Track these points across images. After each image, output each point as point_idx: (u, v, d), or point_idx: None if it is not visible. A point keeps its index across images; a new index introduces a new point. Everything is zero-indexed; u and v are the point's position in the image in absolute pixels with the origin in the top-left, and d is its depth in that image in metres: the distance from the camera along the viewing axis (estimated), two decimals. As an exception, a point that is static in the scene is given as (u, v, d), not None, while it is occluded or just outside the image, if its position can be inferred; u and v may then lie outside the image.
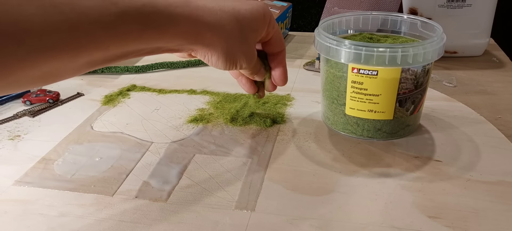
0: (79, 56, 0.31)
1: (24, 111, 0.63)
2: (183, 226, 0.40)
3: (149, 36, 0.34)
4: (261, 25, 0.42)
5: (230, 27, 0.39)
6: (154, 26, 0.34)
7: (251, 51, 0.42)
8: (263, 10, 0.42)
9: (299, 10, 1.74)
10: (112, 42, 0.32)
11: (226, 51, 0.39)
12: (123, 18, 0.32)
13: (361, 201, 0.43)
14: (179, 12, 0.35)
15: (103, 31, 0.31)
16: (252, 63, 0.43)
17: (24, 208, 0.43)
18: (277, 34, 0.46)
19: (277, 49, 0.47)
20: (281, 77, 0.49)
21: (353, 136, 0.54)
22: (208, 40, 0.38)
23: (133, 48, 0.34)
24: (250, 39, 0.42)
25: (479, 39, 0.78)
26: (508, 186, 0.44)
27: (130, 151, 0.52)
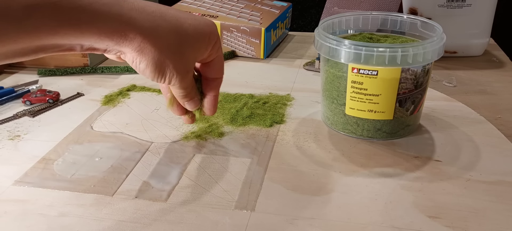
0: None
1: (24, 111, 0.62)
2: (183, 226, 0.40)
3: (67, 32, 0.31)
4: (203, 45, 0.39)
5: (167, 38, 0.36)
6: (73, 22, 0.31)
7: (185, 67, 0.39)
8: (210, 29, 0.39)
9: (299, 10, 1.74)
10: (21, 37, 0.30)
11: (157, 61, 0.36)
12: (33, 11, 0.29)
13: (361, 201, 0.43)
14: (106, 10, 0.32)
15: (9, 24, 0.28)
16: (185, 81, 0.40)
17: (24, 208, 0.43)
18: (219, 59, 0.43)
19: (215, 75, 0.44)
20: (211, 107, 0.45)
21: (353, 136, 0.54)
22: (137, 45, 0.35)
23: (49, 43, 0.32)
24: (188, 56, 0.38)
25: (479, 39, 0.78)
26: (508, 186, 0.44)
27: (130, 151, 0.52)
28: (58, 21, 0.30)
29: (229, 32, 0.82)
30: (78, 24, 0.31)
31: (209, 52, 0.41)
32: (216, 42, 0.41)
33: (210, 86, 0.44)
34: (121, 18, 0.33)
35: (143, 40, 0.34)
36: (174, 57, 0.37)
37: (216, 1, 0.90)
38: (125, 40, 0.34)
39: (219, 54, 0.42)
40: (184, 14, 0.38)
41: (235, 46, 0.83)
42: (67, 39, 0.32)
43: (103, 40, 0.33)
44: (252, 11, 0.86)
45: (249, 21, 0.82)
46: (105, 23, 0.32)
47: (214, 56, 0.42)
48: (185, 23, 0.37)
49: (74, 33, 0.32)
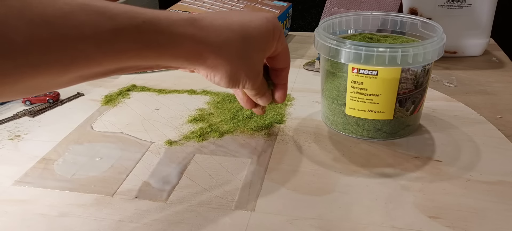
0: (69, 72, 0.29)
1: (24, 111, 0.63)
2: (183, 226, 0.40)
3: (147, 55, 0.32)
4: (269, 44, 0.40)
5: (236, 48, 0.37)
6: (153, 45, 0.32)
7: (255, 71, 0.40)
8: (272, 26, 0.40)
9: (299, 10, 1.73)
10: (106, 59, 0.30)
11: (230, 73, 0.38)
12: (119, 35, 0.30)
13: (361, 201, 0.43)
14: (182, 32, 0.34)
15: (96, 48, 0.29)
16: (256, 83, 0.41)
17: (24, 208, 0.43)
18: (284, 51, 0.44)
19: (282, 66, 0.45)
20: (281, 96, 0.47)
21: (353, 136, 0.54)
22: (211, 62, 0.36)
23: (129, 65, 0.33)
24: (256, 59, 0.40)
25: (479, 39, 0.78)
26: (508, 186, 0.44)
27: (130, 151, 0.52)
28: (141, 44, 0.31)
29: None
30: (159, 46, 0.32)
31: (275, 47, 0.41)
32: (280, 36, 0.41)
33: (279, 76, 0.46)
34: (194, 38, 0.34)
35: (216, 57, 0.36)
36: (244, 65, 0.38)
37: (216, 1, 0.90)
38: (200, 59, 0.35)
39: (284, 45, 0.43)
40: (247, 16, 0.39)
41: (235, 46, 0.82)
42: (146, 61, 0.33)
43: (179, 60, 0.35)
44: (252, 11, 0.86)
45: (249, 21, 0.82)
46: (181, 45, 0.34)
47: (280, 49, 0.42)
48: (249, 27, 0.38)
49: (153, 55, 0.33)
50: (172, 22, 0.33)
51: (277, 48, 0.42)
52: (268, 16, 0.40)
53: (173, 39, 0.33)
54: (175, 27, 0.33)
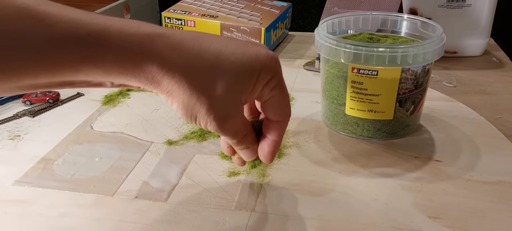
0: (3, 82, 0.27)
1: (24, 111, 0.62)
2: (183, 226, 0.40)
3: (90, 70, 0.29)
4: (248, 85, 0.32)
5: (199, 78, 0.31)
6: (97, 61, 0.28)
7: (222, 112, 0.32)
8: (260, 66, 0.32)
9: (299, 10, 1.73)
10: (42, 72, 0.27)
11: (186, 105, 0.31)
12: (55, 47, 0.27)
13: (361, 201, 0.43)
14: (134, 48, 0.29)
15: (29, 59, 0.26)
16: (225, 129, 0.33)
17: (23, 208, 0.43)
18: (275, 100, 0.35)
19: (272, 117, 0.36)
20: (266, 153, 0.37)
21: (353, 136, 0.54)
22: (165, 87, 0.31)
23: (73, 79, 0.29)
24: (227, 99, 0.32)
25: (479, 39, 0.78)
26: (508, 186, 0.44)
27: (130, 151, 0.52)
28: (81, 58, 0.28)
29: (229, 32, 0.81)
30: (102, 62, 0.28)
31: (260, 91, 0.34)
32: (270, 81, 0.33)
33: (269, 128, 0.37)
34: (149, 58, 0.29)
35: (170, 82, 0.30)
36: (207, 101, 0.31)
37: (216, 1, 0.90)
38: (152, 81, 0.30)
39: (274, 94, 0.34)
40: (231, 48, 0.32)
41: (235, 46, 0.82)
42: (92, 77, 0.29)
43: (130, 80, 0.30)
44: (252, 11, 0.86)
45: (249, 21, 0.82)
46: (132, 63, 0.29)
47: (267, 96, 0.34)
48: (226, 60, 0.31)
49: (98, 71, 0.29)
50: (125, 37, 0.29)
51: (263, 95, 0.34)
52: (262, 53, 0.33)
53: (122, 55, 0.29)
54: (127, 43, 0.29)
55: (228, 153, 0.40)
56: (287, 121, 0.37)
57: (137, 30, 0.29)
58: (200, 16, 0.83)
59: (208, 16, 0.83)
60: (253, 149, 0.37)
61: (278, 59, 0.34)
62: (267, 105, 0.35)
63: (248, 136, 0.36)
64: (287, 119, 0.37)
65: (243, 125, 0.35)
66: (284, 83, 0.35)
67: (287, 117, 0.37)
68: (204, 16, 0.83)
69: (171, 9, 0.86)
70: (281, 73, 0.34)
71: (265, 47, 0.34)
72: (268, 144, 0.37)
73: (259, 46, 0.34)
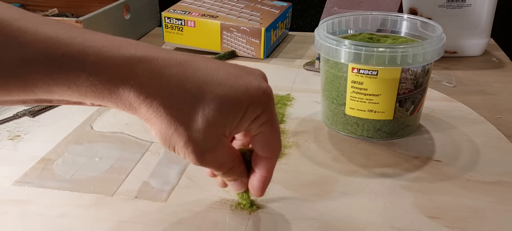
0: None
1: (24, 111, 0.62)
2: (183, 226, 0.40)
3: (65, 92, 0.27)
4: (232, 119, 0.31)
5: (179, 108, 0.29)
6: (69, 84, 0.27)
7: (203, 146, 0.30)
8: (249, 100, 0.31)
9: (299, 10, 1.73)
10: (14, 90, 0.26)
11: (164, 134, 0.30)
12: (26, 66, 0.26)
13: (361, 201, 0.43)
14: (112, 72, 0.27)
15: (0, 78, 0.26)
16: (204, 161, 0.31)
17: (23, 208, 0.43)
18: (263, 136, 0.33)
19: (261, 153, 0.34)
20: (255, 187, 0.36)
21: (353, 136, 0.54)
22: (143, 114, 0.29)
23: (49, 98, 0.28)
24: (208, 132, 0.30)
25: (479, 39, 0.78)
26: (508, 186, 0.44)
27: (129, 151, 0.52)
28: (54, 80, 0.26)
29: (229, 32, 0.81)
30: (76, 86, 0.27)
31: (247, 126, 0.32)
32: (259, 117, 0.32)
33: (257, 163, 0.35)
34: (126, 83, 0.28)
35: (148, 110, 0.29)
36: (184, 132, 0.30)
37: (216, 1, 0.90)
38: (130, 107, 0.29)
39: (263, 130, 0.33)
40: (219, 77, 0.30)
41: (235, 46, 0.83)
42: (67, 96, 0.28)
43: (108, 104, 0.29)
44: (252, 11, 0.86)
45: (249, 21, 0.82)
46: (108, 88, 0.28)
47: (256, 132, 0.33)
48: (210, 92, 0.30)
49: (73, 93, 0.28)
50: (102, 60, 0.27)
51: (250, 129, 0.32)
52: (252, 86, 0.31)
53: (96, 80, 0.27)
54: (103, 67, 0.27)
55: (210, 175, 0.39)
56: (276, 157, 0.35)
57: (117, 53, 0.28)
58: (200, 16, 0.83)
59: (208, 16, 0.83)
60: (241, 181, 0.36)
61: (270, 92, 0.32)
62: (255, 140, 0.33)
63: (235, 168, 0.34)
64: (277, 155, 0.35)
65: (229, 157, 0.33)
66: (275, 118, 0.33)
67: (276, 153, 0.35)
68: (204, 16, 0.83)
69: (171, 9, 0.86)
70: (272, 108, 0.32)
71: (259, 78, 0.32)
72: (257, 178, 0.35)
73: (252, 76, 0.32)
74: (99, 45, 0.27)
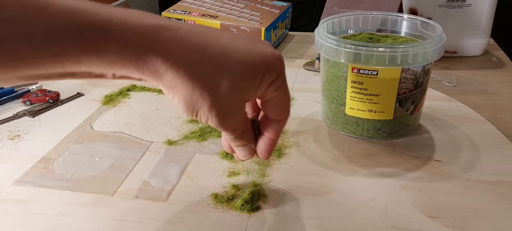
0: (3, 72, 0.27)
1: (24, 111, 0.63)
2: (183, 226, 0.40)
3: (93, 61, 0.28)
4: (251, 84, 0.32)
5: (203, 74, 0.31)
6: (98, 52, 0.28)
7: (224, 110, 0.32)
8: (265, 66, 0.32)
9: (299, 10, 1.73)
10: (44, 62, 0.27)
11: (188, 100, 0.31)
12: (56, 37, 0.26)
13: (361, 201, 0.43)
14: (138, 41, 0.28)
15: (30, 49, 0.26)
16: (225, 125, 0.33)
17: (24, 208, 0.43)
18: (277, 100, 0.35)
19: (272, 116, 0.36)
20: (263, 150, 0.37)
21: (353, 135, 0.54)
22: (168, 81, 0.30)
23: (74, 70, 0.29)
24: (229, 97, 0.32)
25: (479, 39, 0.78)
26: (508, 186, 0.44)
27: (130, 151, 0.52)
28: (83, 49, 0.27)
29: (229, 32, 0.81)
30: (105, 54, 0.28)
31: (264, 91, 0.34)
32: (274, 81, 0.34)
33: (267, 126, 0.37)
34: (153, 51, 0.29)
35: (173, 76, 0.30)
36: (210, 97, 0.31)
37: (216, 1, 0.90)
38: (155, 75, 0.30)
39: (278, 94, 0.35)
40: (237, 45, 0.32)
41: (235, 46, 0.83)
42: (94, 68, 0.29)
43: (132, 72, 0.30)
44: (252, 11, 0.86)
45: (249, 21, 0.82)
46: (135, 55, 0.29)
47: (271, 96, 0.34)
48: (232, 58, 0.31)
49: (101, 63, 0.28)
50: (129, 28, 0.28)
51: (266, 94, 0.34)
52: (268, 53, 0.33)
53: (125, 47, 0.28)
54: (130, 35, 0.28)
55: (228, 150, 0.40)
56: (286, 121, 0.37)
57: (141, 21, 0.29)
58: (200, 16, 0.83)
59: (208, 16, 0.83)
60: (249, 147, 0.37)
61: (283, 59, 0.34)
62: (269, 104, 0.35)
63: (246, 133, 0.36)
64: (286, 119, 0.37)
65: (243, 121, 0.35)
66: (287, 83, 0.35)
67: (286, 117, 0.37)
68: (204, 16, 0.83)
69: (171, 9, 0.86)
70: (284, 74, 0.35)
71: (270, 46, 0.34)
72: (265, 141, 0.37)
73: (264, 44, 0.34)
74: (124, 15, 0.28)
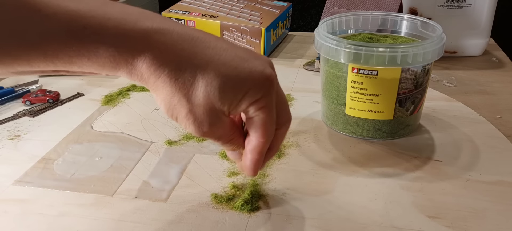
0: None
1: (24, 111, 0.63)
2: (183, 226, 0.40)
3: (84, 63, 0.29)
4: (231, 100, 0.32)
5: (184, 82, 0.31)
6: (90, 55, 0.29)
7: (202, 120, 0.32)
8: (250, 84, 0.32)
9: (299, 10, 1.73)
10: (35, 61, 0.28)
11: (168, 103, 0.31)
12: (49, 39, 0.27)
13: (361, 201, 0.43)
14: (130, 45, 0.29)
15: (22, 49, 0.27)
16: (202, 134, 0.32)
17: (24, 208, 0.43)
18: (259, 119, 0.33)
19: (254, 137, 0.35)
20: (245, 167, 0.36)
21: (353, 136, 0.54)
22: (152, 84, 0.31)
23: (68, 69, 0.30)
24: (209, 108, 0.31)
25: (479, 39, 0.78)
26: (508, 186, 0.44)
27: (130, 151, 0.52)
28: (74, 51, 0.28)
29: (229, 32, 0.82)
30: (96, 56, 0.29)
31: (245, 107, 0.33)
32: (258, 100, 0.32)
33: (250, 145, 0.35)
34: (140, 55, 0.29)
35: (156, 80, 0.30)
36: (186, 105, 0.31)
37: (216, 1, 0.90)
38: (141, 79, 0.31)
39: (260, 114, 0.33)
40: (226, 57, 0.32)
41: (235, 46, 0.83)
42: (86, 67, 0.30)
43: (123, 75, 0.31)
44: (252, 11, 0.87)
45: (249, 21, 0.82)
46: (124, 59, 0.29)
47: (252, 114, 0.33)
48: (214, 70, 0.31)
49: (92, 64, 0.29)
50: (121, 33, 0.29)
51: (247, 111, 0.33)
52: (256, 71, 0.32)
53: (115, 52, 0.29)
54: (122, 40, 0.29)
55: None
56: (268, 142, 0.35)
57: (134, 25, 0.29)
58: (200, 16, 0.83)
59: (208, 16, 0.83)
60: (239, 152, 0.37)
61: (273, 79, 0.33)
62: (250, 123, 0.34)
63: (234, 140, 0.35)
64: (269, 140, 0.35)
65: (228, 131, 0.34)
66: (274, 105, 0.34)
67: (268, 139, 0.35)
68: (204, 16, 0.83)
69: (171, 9, 0.86)
70: (273, 94, 0.33)
71: (265, 64, 0.33)
72: (249, 159, 0.36)
73: (258, 61, 0.33)
74: (119, 18, 0.29)
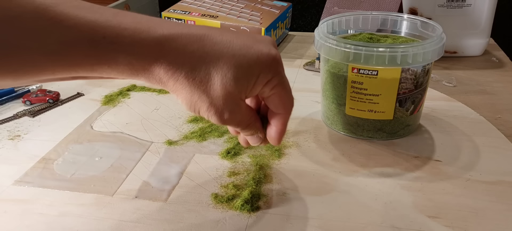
0: (21, 78, 0.29)
1: (24, 111, 0.63)
2: (183, 226, 0.40)
3: (104, 70, 0.31)
4: (246, 86, 0.34)
5: (202, 79, 0.33)
6: (110, 63, 0.30)
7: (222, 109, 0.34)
8: (260, 68, 0.34)
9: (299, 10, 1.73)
10: (58, 69, 0.29)
11: (189, 101, 0.34)
12: (70, 49, 0.28)
13: (361, 201, 0.43)
14: (145, 53, 0.31)
15: (45, 58, 0.28)
16: (228, 121, 0.35)
17: (24, 208, 0.43)
18: (276, 96, 0.37)
19: (275, 110, 0.38)
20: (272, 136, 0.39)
21: (353, 136, 0.54)
22: (171, 86, 0.33)
23: (87, 75, 0.32)
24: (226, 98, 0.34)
25: (479, 39, 0.78)
26: (508, 186, 0.44)
27: (130, 151, 0.52)
28: (96, 60, 0.30)
29: (229, 33, 0.81)
30: (116, 64, 0.31)
31: (260, 89, 0.35)
32: (270, 81, 0.35)
33: (272, 118, 0.39)
34: (156, 62, 0.32)
35: (175, 83, 0.33)
36: (206, 99, 0.34)
37: (216, 1, 0.90)
38: (160, 82, 0.33)
39: (276, 92, 0.36)
40: (234, 48, 0.34)
41: (235, 46, 0.83)
42: (106, 74, 0.32)
43: (140, 79, 0.33)
44: (252, 11, 0.87)
45: (249, 21, 0.82)
46: (142, 66, 0.32)
47: (268, 94, 0.36)
48: (226, 63, 0.33)
49: (112, 71, 0.31)
50: (137, 42, 0.31)
51: (263, 92, 0.36)
52: (263, 54, 0.35)
53: (133, 60, 0.31)
54: (138, 48, 0.31)
55: (234, 133, 0.42)
56: (290, 113, 0.38)
57: (148, 35, 0.31)
58: (200, 16, 0.83)
59: (208, 16, 0.83)
60: (257, 136, 0.40)
61: (279, 58, 0.36)
62: (269, 101, 0.37)
63: (252, 125, 0.38)
64: (290, 111, 0.38)
65: (246, 115, 0.37)
66: (285, 79, 0.36)
67: (289, 110, 0.38)
68: (204, 16, 0.83)
69: (171, 9, 0.86)
70: (282, 71, 0.36)
71: (269, 46, 0.35)
72: (273, 130, 0.39)
73: (262, 43, 0.35)
74: (132, 27, 0.31)
